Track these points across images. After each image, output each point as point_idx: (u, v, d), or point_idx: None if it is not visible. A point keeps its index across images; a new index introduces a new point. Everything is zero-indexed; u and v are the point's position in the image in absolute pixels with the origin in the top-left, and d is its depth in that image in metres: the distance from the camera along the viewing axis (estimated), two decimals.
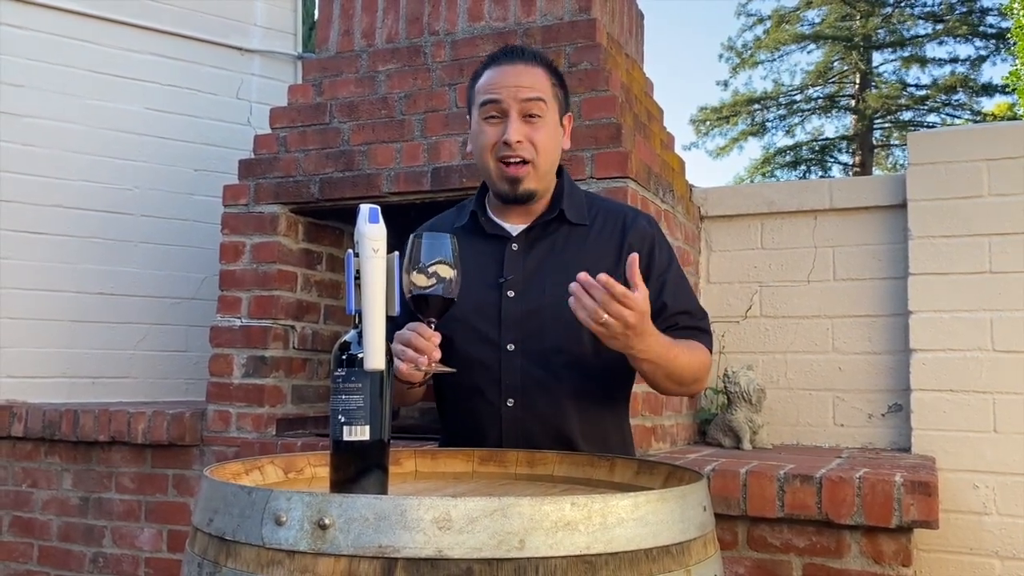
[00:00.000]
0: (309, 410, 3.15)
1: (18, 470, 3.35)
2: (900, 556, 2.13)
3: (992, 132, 2.87)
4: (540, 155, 1.57)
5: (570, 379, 1.57)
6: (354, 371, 1.13)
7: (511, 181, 1.57)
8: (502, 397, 1.56)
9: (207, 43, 4.10)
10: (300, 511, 0.95)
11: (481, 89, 1.61)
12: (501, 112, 1.57)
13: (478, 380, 1.57)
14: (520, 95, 1.56)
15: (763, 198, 3.18)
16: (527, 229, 1.63)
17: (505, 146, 1.55)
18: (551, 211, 1.64)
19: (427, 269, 1.32)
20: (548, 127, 1.59)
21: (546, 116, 1.58)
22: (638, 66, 3.33)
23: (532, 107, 1.56)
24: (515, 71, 1.58)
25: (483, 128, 1.59)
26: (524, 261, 1.61)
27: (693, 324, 1.63)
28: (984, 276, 2.75)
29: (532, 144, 1.56)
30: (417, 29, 3.10)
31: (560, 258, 1.60)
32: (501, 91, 1.57)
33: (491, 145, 1.58)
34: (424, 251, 1.33)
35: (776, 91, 20.23)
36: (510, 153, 1.55)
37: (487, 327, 1.56)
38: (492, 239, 1.64)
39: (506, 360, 1.56)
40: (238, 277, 3.07)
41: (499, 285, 1.59)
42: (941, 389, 2.76)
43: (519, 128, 1.55)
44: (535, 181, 1.59)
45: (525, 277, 1.59)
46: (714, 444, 2.95)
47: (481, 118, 1.59)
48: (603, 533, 0.95)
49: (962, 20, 17.90)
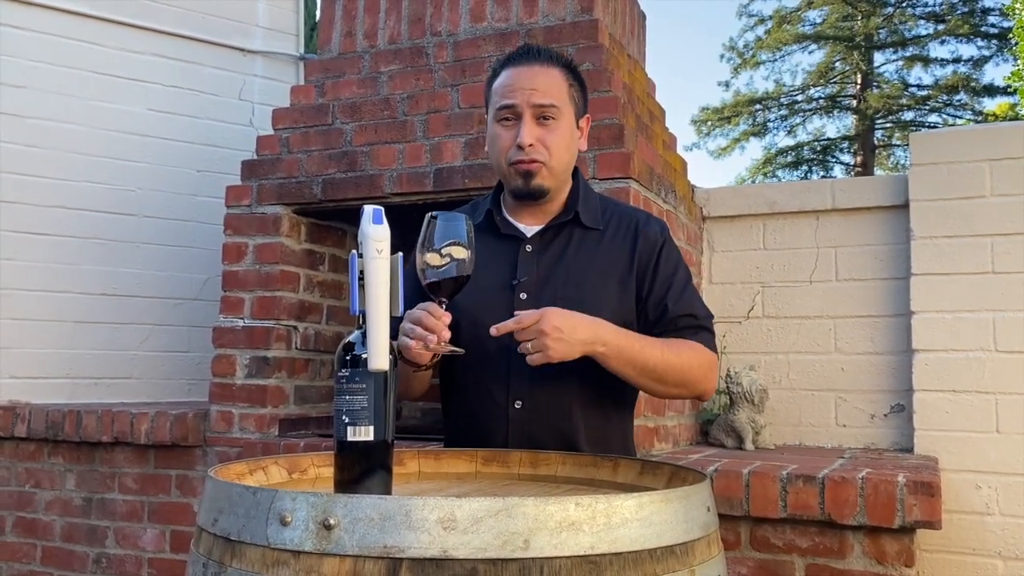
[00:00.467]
0: (312, 410, 3.15)
1: (21, 471, 3.36)
2: (903, 556, 2.13)
3: (994, 132, 2.87)
4: (553, 157, 1.58)
5: (578, 384, 1.57)
6: (358, 371, 1.13)
7: (524, 176, 1.58)
8: (510, 399, 1.56)
9: (209, 44, 4.10)
10: (305, 511, 0.95)
11: (496, 91, 1.61)
12: (515, 115, 1.57)
13: (486, 381, 1.58)
14: (533, 99, 1.56)
15: (765, 198, 3.18)
16: (541, 231, 1.64)
17: (518, 149, 1.56)
18: (566, 213, 1.64)
19: (440, 250, 1.33)
20: (562, 129, 1.59)
21: (560, 119, 1.58)
22: (640, 67, 3.34)
23: (546, 111, 1.57)
24: (530, 73, 1.58)
25: (497, 131, 1.60)
26: (537, 263, 1.61)
27: (694, 325, 1.62)
28: (987, 276, 2.75)
29: (545, 146, 1.57)
30: (419, 30, 3.10)
31: (573, 261, 1.61)
32: (515, 94, 1.57)
33: (505, 148, 1.59)
34: (439, 232, 1.33)
35: (777, 91, 20.22)
36: (523, 157, 1.56)
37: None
38: (506, 239, 1.64)
39: (516, 362, 1.56)
40: (241, 278, 3.08)
41: (512, 287, 1.59)
42: (943, 389, 2.76)
43: (532, 131, 1.56)
44: (548, 179, 1.59)
45: (538, 279, 1.59)
46: (716, 444, 2.95)
47: (496, 120, 1.60)
48: (607, 533, 0.95)
49: (964, 20, 17.88)
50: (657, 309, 1.61)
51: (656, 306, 1.61)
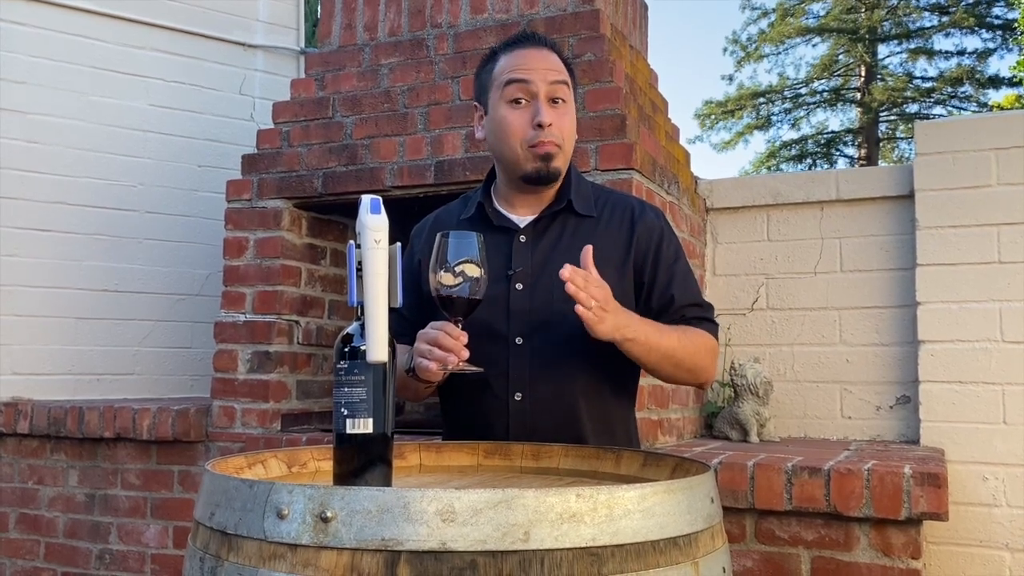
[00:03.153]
0: (314, 405, 3.14)
1: (24, 467, 3.36)
2: (909, 548, 2.11)
3: (1000, 121, 2.84)
4: (567, 140, 1.57)
5: (578, 373, 1.55)
6: (357, 363, 1.11)
7: (543, 158, 1.53)
8: (509, 391, 1.55)
9: (210, 39, 4.09)
10: (302, 504, 0.93)
11: (505, 70, 1.56)
12: (529, 95, 1.53)
13: (486, 374, 1.55)
14: (549, 77, 1.54)
15: (769, 189, 3.16)
16: (535, 221, 1.61)
17: (539, 129, 1.52)
18: (559, 202, 1.61)
19: (454, 268, 1.32)
20: (571, 113, 1.58)
21: (568, 102, 1.58)
22: (642, 57, 3.31)
23: (558, 90, 1.55)
24: (541, 54, 1.56)
25: (506, 113, 1.55)
26: (532, 253, 1.59)
27: (700, 315, 1.62)
28: (993, 266, 2.73)
29: (559, 129, 1.54)
30: (420, 22, 3.08)
31: (568, 250, 1.57)
32: (531, 72, 1.53)
33: (520, 130, 1.53)
34: (451, 250, 1.32)
35: (781, 84, 20.15)
36: (544, 138, 1.52)
37: (495, 320, 1.54)
38: (499, 231, 1.61)
39: (514, 353, 1.55)
40: (242, 272, 3.06)
41: (507, 277, 1.57)
42: (950, 380, 2.74)
43: (550, 111, 1.53)
44: (562, 163, 1.57)
45: (533, 269, 1.57)
46: (721, 437, 2.94)
47: (505, 101, 1.55)
48: (609, 525, 0.94)
49: (968, 12, 17.78)
50: (663, 297, 1.60)
51: (662, 294, 1.60)
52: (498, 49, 1.62)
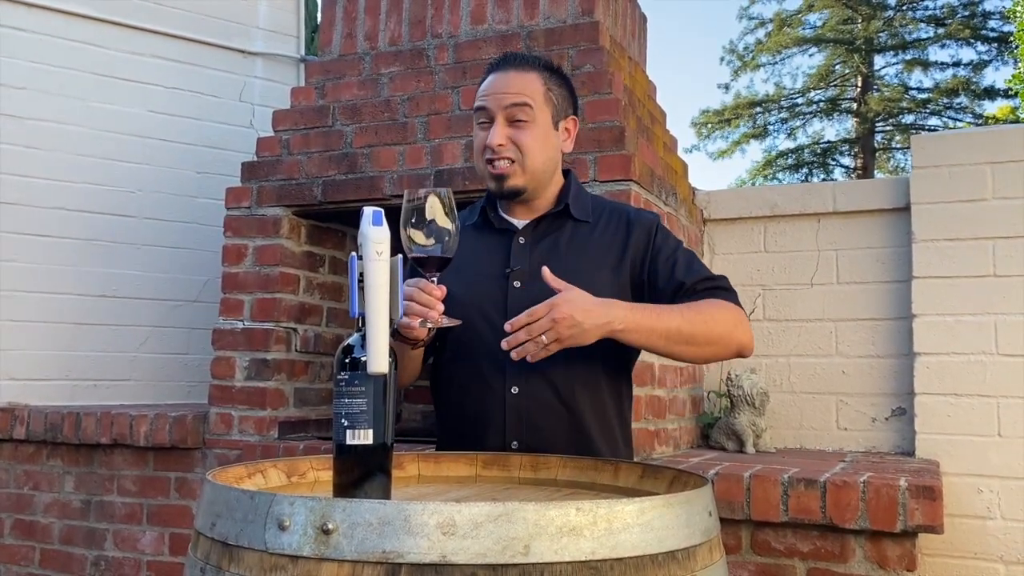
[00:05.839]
0: (311, 413, 3.15)
1: (20, 473, 3.35)
2: (905, 560, 2.12)
3: (996, 135, 2.86)
4: (526, 156, 1.63)
5: (574, 367, 1.59)
6: (357, 375, 1.12)
7: (496, 179, 1.64)
8: (506, 384, 1.59)
9: (210, 46, 4.10)
10: (303, 516, 0.94)
11: (476, 96, 1.69)
12: (488, 118, 1.64)
13: (482, 369, 1.61)
14: (504, 102, 1.62)
15: (766, 201, 3.17)
16: (533, 223, 1.69)
17: (489, 150, 1.63)
18: (556, 206, 1.70)
19: (428, 224, 1.34)
20: (536, 129, 1.63)
21: (534, 119, 1.63)
22: (641, 69, 3.33)
23: (517, 112, 1.62)
24: (505, 79, 1.65)
25: (476, 133, 1.68)
26: (530, 253, 1.66)
27: (713, 286, 1.62)
28: (988, 279, 2.74)
29: (516, 145, 1.62)
30: (420, 32, 3.09)
31: (565, 250, 1.66)
32: (487, 98, 1.65)
33: (480, 149, 1.66)
34: (422, 209, 1.35)
35: (778, 94, 20.22)
36: (494, 156, 1.63)
37: (493, 316, 1.59)
38: (500, 232, 1.70)
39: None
40: (240, 280, 3.07)
41: (506, 275, 1.64)
42: (945, 393, 2.75)
43: (502, 132, 1.62)
44: (521, 179, 1.64)
45: (531, 268, 1.63)
46: (717, 448, 2.94)
47: (475, 123, 1.68)
48: (608, 538, 0.94)
49: (964, 24, 17.87)
50: (672, 285, 1.62)
51: (669, 282, 1.63)
52: (484, 73, 1.72)
